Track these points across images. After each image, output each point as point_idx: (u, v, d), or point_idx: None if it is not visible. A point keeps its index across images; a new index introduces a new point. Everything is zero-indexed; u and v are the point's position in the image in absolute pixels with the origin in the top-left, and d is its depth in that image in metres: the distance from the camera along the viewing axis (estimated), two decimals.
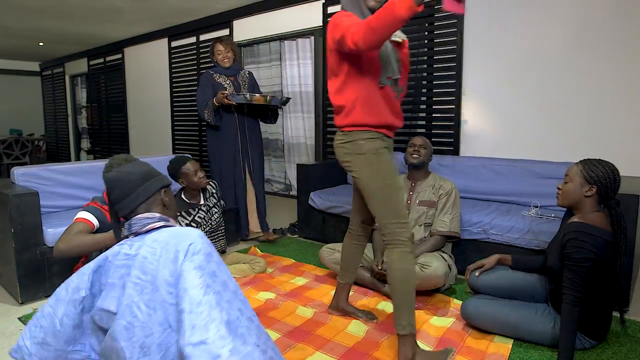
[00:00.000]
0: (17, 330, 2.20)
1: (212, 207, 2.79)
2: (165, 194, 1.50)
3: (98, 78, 8.28)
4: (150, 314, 1.23)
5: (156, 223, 1.39)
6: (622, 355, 1.90)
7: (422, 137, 2.63)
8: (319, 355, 1.90)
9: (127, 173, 1.46)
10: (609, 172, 1.78)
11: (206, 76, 3.58)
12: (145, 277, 1.26)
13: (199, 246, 1.25)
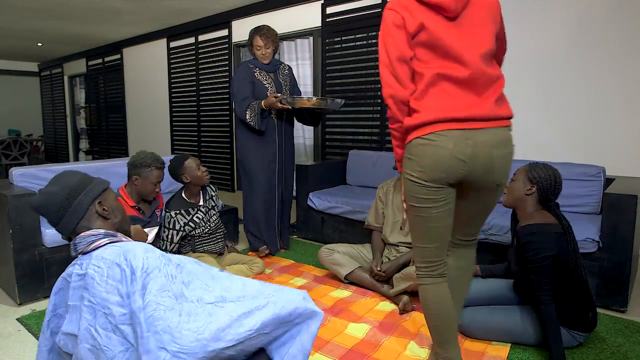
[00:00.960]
0: (15, 331, 2.20)
1: (211, 209, 2.78)
2: (101, 203, 1.37)
3: (97, 78, 8.28)
4: (109, 336, 1.19)
5: (101, 240, 1.29)
6: (620, 355, 1.90)
7: None
8: (318, 357, 1.89)
9: (50, 195, 1.32)
10: (550, 175, 1.87)
11: (245, 69, 3.14)
12: (95, 300, 1.21)
13: (143, 262, 1.18)
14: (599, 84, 3.14)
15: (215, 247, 2.82)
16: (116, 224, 1.40)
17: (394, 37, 1.44)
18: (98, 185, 1.39)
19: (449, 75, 1.40)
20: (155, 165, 2.46)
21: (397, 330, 2.12)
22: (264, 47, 3.11)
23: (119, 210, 1.42)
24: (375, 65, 4.26)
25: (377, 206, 2.68)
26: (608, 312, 2.29)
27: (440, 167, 1.39)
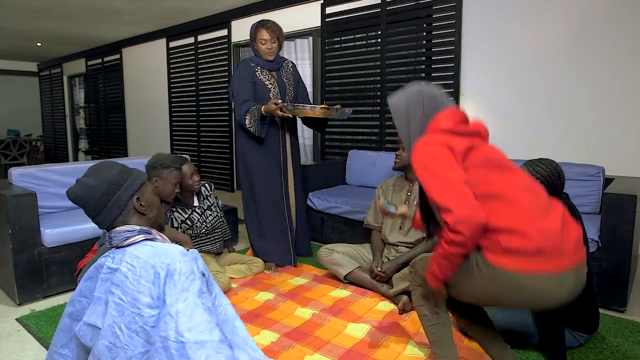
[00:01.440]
0: (14, 331, 2.20)
1: (207, 209, 2.78)
2: (139, 199, 1.38)
3: (96, 78, 8.27)
4: (132, 336, 1.20)
5: (137, 237, 1.31)
6: (620, 355, 1.90)
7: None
8: (317, 357, 1.89)
9: (89, 188, 1.33)
10: (552, 170, 1.84)
11: (246, 68, 2.89)
12: (126, 298, 1.22)
13: (178, 266, 1.20)
14: (599, 84, 3.14)
15: (213, 247, 2.81)
16: (152, 219, 1.41)
17: (447, 163, 1.34)
18: (136, 179, 1.39)
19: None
20: (174, 165, 2.47)
21: (396, 330, 2.12)
22: (269, 41, 2.85)
23: (155, 206, 1.43)
24: (375, 65, 4.26)
25: (377, 205, 2.67)
26: (607, 312, 2.29)
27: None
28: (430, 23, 3.88)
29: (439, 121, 1.46)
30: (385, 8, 4.12)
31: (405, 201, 2.54)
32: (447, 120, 1.44)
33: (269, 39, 2.84)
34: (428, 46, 3.94)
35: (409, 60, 4.07)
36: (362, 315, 2.29)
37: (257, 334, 2.09)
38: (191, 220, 2.68)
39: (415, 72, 4.05)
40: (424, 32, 3.97)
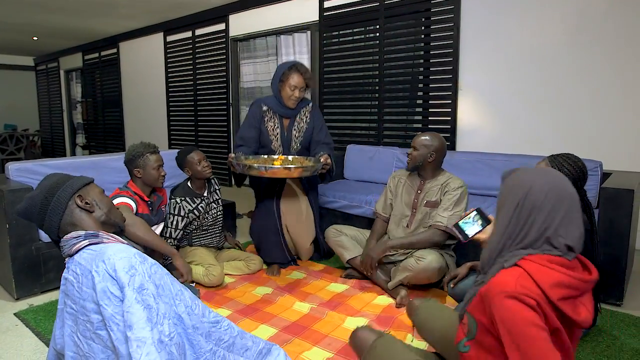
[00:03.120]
0: (12, 326, 2.20)
1: (212, 202, 2.77)
2: (81, 197, 1.34)
3: (93, 73, 8.24)
4: (90, 344, 1.19)
5: (81, 242, 1.26)
6: (616, 348, 1.91)
7: (421, 136, 2.44)
8: (316, 350, 1.90)
9: (31, 199, 1.32)
10: (576, 168, 1.81)
11: (255, 113, 2.71)
12: (75, 307, 1.21)
13: (115, 265, 1.15)
14: (597, 79, 3.14)
15: (212, 241, 2.82)
16: (102, 217, 1.37)
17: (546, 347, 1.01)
18: (77, 180, 1.37)
19: None
20: (149, 150, 2.41)
21: (394, 323, 2.13)
22: (300, 89, 2.58)
23: (104, 203, 1.39)
24: (374, 59, 4.25)
25: (387, 196, 2.64)
26: (604, 306, 2.30)
27: None
28: (429, 17, 3.87)
29: (546, 277, 1.04)
30: (383, 2, 4.11)
31: (415, 199, 2.52)
32: (557, 288, 1.03)
33: (300, 86, 2.58)
34: (427, 40, 3.93)
35: (408, 55, 4.06)
36: (360, 309, 2.30)
37: (255, 329, 2.09)
38: (198, 210, 2.66)
39: (413, 67, 4.04)
40: (423, 27, 3.96)
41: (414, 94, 4.08)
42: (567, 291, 1.04)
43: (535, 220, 1.09)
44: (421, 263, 2.26)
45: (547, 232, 1.08)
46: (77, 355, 1.21)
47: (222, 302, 2.40)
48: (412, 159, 2.44)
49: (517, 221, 1.11)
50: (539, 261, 1.06)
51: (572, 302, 1.06)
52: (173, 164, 4.06)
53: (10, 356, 1.93)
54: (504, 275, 1.07)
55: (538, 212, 1.08)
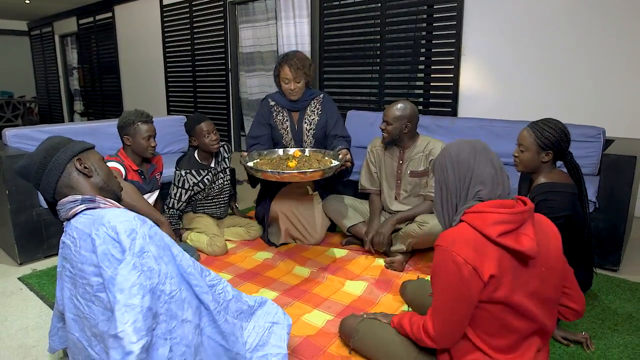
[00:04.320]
0: (17, 290, 2.23)
1: (220, 171, 2.73)
2: (80, 161, 1.32)
3: (89, 38, 8.06)
4: (90, 305, 1.20)
5: (78, 207, 1.26)
6: (610, 312, 1.95)
7: (392, 108, 2.37)
8: (317, 313, 1.93)
9: (30, 158, 1.31)
10: (560, 133, 1.79)
11: (264, 109, 2.66)
12: (73, 271, 1.22)
13: (116, 228, 1.16)
14: (601, 45, 3.07)
15: (217, 210, 2.80)
16: (100, 183, 1.36)
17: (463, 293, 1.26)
18: (78, 144, 1.36)
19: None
20: (140, 119, 2.35)
21: (393, 288, 2.15)
22: (293, 80, 2.49)
23: (102, 169, 1.38)
24: (375, 23, 4.14)
25: (370, 169, 2.61)
26: (601, 271, 2.33)
27: None
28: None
29: (483, 220, 1.19)
30: None
31: (398, 170, 2.49)
32: (494, 226, 1.18)
33: (292, 78, 2.49)
34: (429, 3, 3.82)
35: (410, 19, 3.96)
36: (360, 273, 2.33)
37: (256, 292, 2.12)
38: (203, 182, 2.62)
39: (416, 31, 3.94)
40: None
41: (415, 59, 4.00)
42: (505, 226, 1.18)
43: (453, 186, 1.31)
44: (424, 228, 2.27)
45: (469, 190, 1.29)
46: (77, 317, 1.23)
47: (222, 267, 2.43)
48: (388, 134, 2.40)
49: (445, 189, 1.34)
50: (476, 209, 1.23)
51: (513, 234, 1.20)
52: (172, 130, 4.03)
53: (16, 319, 1.96)
54: (447, 231, 1.27)
55: (450, 178, 1.31)
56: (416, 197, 2.48)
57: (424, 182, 2.43)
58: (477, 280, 1.16)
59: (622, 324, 1.86)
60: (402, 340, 1.46)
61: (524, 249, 1.17)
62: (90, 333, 1.21)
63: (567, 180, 1.82)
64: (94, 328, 1.19)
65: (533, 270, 1.22)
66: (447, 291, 1.22)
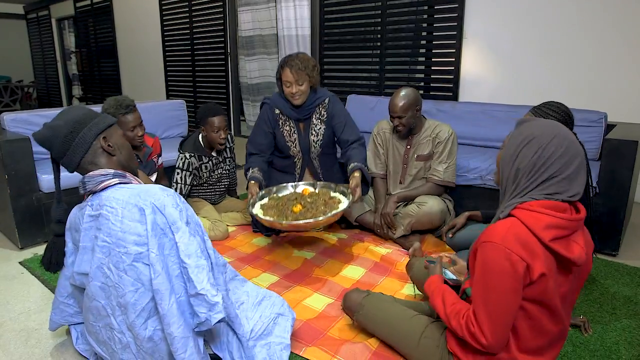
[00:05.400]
0: (18, 274, 2.24)
1: (222, 161, 2.70)
2: (106, 139, 1.35)
3: (86, 21, 7.96)
4: (121, 275, 1.23)
5: (110, 180, 1.30)
6: (609, 295, 1.96)
7: (398, 102, 2.31)
8: (316, 297, 1.95)
9: (54, 129, 1.31)
10: (564, 115, 1.76)
11: (267, 114, 2.50)
12: (110, 240, 1.24)
13: (163, 200, 1.25)
14: (603, 30, 3.03)
15: (212, 197, 2.79)
16: (122, 161, 1.40)
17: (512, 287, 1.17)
18: (103, 120, 1.37)
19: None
20: (121, 112, 2.25)
21: (393, 271, 2.17)
22: (295, 83, 2.33)
23: (124, 148, 1.41)
24: (376, 6, 4.09)
25: (378, 152, 2.59)
26: (600, 256, 2.34)
27: None
28: None
29: (537, 221, 1.11)
30: None
31: (405, 154, 2.48)
32: (548, 230, 1.11)
33: (293, 80, 2.32)
34: None
35: (412, 1, 3.90)
36: (360, 256, 2.33)
37: (256, 276, 2.13)
38: (202, 169, 2.60)
39: (417, 14, 3.89)
40: None
41: (417, 43, 3.96)
42: (558, 232, 1.11)
43: (545, 173, 1.13)
44: (423, 208, 2.28)
45: (541, 184, 1.14)
46: (105, 285, 1.27)
47: (223, 251, 2.44)
48: (404, 126, 2.36)
49: (515, 172, 1.17)
50: (531, 208, 1.13)
51: (565, 241, 1.13)
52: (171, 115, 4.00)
53: (18, 302, 1.98)
54: (497, 225, 1.15)
55: (550, 165, 1.12)
56: (419, 180, 2.49)
57: (428, 165, 2.44)
58: (527, 277, 1.11)
59: (620, 308, 1.87)
60: (409, 318, 1.46)
61: (574, 258, 1.13)
62: (116, 302, 1.26)
63: None
64: (121, 298, 1.24)
65: (569, 275, 1.19)
66: (501, 290, 1.12)
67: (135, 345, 1.28)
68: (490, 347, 1.15)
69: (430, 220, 2.33)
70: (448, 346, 1.32)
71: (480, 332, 1.14)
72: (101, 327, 1.32)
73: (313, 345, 1.60)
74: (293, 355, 1.56)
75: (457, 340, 1.28)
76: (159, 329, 1.26)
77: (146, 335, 1.25)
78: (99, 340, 1.35)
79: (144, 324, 1.25)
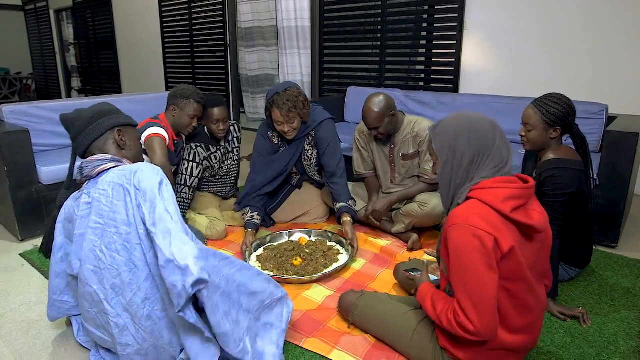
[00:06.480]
0: (19, 266, 2.25)
1: (230, 151, 2.68)
2: (120, 133, 1.47)
3: (84, 13, 7.91)
4: (114, 256, 1.26)
5: (106, 164, 1.37)
6: (608, 287, 1.96)
7: (371, 112, 2.24)
8: (316, 288, 1.95)
9: (79, 113, 1.46)
10: (566, 107, 1.75)
11: (267, 141, 2.49)
12: (102, 221, 1.28)
13: (140, 175, 1.28)
14: (604, 21, 3.01)
15: (222, 190, 2.75)
16: (130, 157, 1.49)
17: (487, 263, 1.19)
18: (124, 117, 1.50)
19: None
20: (194, 98, 2.35)
21: (392, 264, 2.17)
22: (286, 123, 2.28)
23: (135, 147, 1.53)
24: None
25: (362, 154, 2.57)
26: (599, 248, 2.34)
27: None
28: None
29: (494, 196, 1.17)
30: None
31: (390, 154, 2.46)
32: (506, 202, 1.16)
33: (284, 121, 2.27)
34: None
35: None
36: (359, 248, 2.32)
37: None
38: (211, 159, 2.57)
39: (418, 5, 3.86)
40: None
41: (417, 34, 3.93)
42: (515, 202, 1.18)
43: (468, 162, 1.23)
44: (425, 209, 2.27)
45: (482, 166, 1.23)
46: (97, 269, 1.29)
47: (222, 244, 2.44)
48: (382, 135, 2.34)
49: (456, 166, 1.25)
50: (485, 185, 1.20)
51: (523, 210, 1.20)
52: None
53: (19, 294, 1.98)
54: (457, 209, 1.21)
55: (466, 155, 1.23)
56: (410, 179, 2.47)
57: (416, 164, 2.41)
58: (498, 252, 1.14)
59: (619, 299, 1.87)
60: (402, 314, 1.48)
61: (535, 224, 1.17)
62: (110, 285, 1.27)
63: (575, 157, 1.80)
64: (115, 279, 1.26)
65: (533, 245, 1.23)
66: (476, 269, 1.13)
67: (133, 326, 1.29)
68: (480, 334, 1.14)
69: (431, 220, 2.32)
70: (440, 343, 1.33)
71: (467, 319, 1.15)
72: (97, 313, 1.34)
73: (313, 337, 1.60)
74: (293, 346, 1.57)
75: (447, 336, 1.30)
76: (157, 309, 1.28)
77: (144, 313, 1.27)
78: (98, 325, 1.37)
79: (142, 302, 1.27)
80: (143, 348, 1.31)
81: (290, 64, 5.07)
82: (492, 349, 1.24)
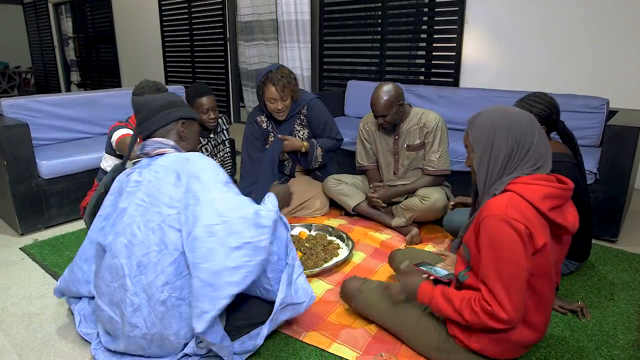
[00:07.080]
0: (19, 260, 2.25)
1: (220, 143, 2.69)
2: (184, 125, 1.55)
3: (83, 6, 7.87)
4: (149, 234, 1.33)
5: (167, 149, 1.46)
6: (607, 282, 1.97)
7: (380, 99, 2.26)
8: (316, 282, 1.96)
9: (152, 99, 1.55)
10: (549, 106, 1.78)
11: (255, 128, 2.56)
12: (147, 200, 1.36)
13: (199, 165, 1.37)
14: (605, 15, 2.99)
15: None
16: (187, 147, 1.58)
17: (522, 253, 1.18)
18: (190, 111, 1.59)
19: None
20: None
21: None
22: (280, 100, 2.38)
23: (194, 141, 1.62)
24: None
25: (365, 146, 2.58)
26: (599, 242, 2.34)
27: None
28: None
29: (534, 193, 1.17)
30: None
31: (394, 145, 2.45)
32: (545, 200, 1.17)
33: (279, 97, 2.37)
34: None
35: None
36: (360, 242, 2.34)
37: None
38: (201, 151, 2.58)
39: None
40: None
41: (417, 28, 3.91)
42: (554, 201, 1.19)
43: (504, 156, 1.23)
44: (426, 203, 2.27)
45: (522, 162, 1.23)
46: (130, 243, 1.35)
47: None
48: (388, 124, 2.34)
49: (493, 160, 1.25)
50: (525, 181, 1.20)
51: (560, 210, 1.21)
52: None
53: (19, 288, 1.99)
54: (495, 200, 1.20)
55: (502, 149, 1.23)
56: (414, 171, 2.47)
57: (420, 155, 2.41)
58: (531, 246, 1.15)
59: (618, 293, 1.88)
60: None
61: (569, 226, 1.19)
62: (136, 262, 1.33)
63: (565, 150, 1.82)
64: (143, 257, 1.32)
65: (559, 245, 1.25)
66: (513, 261, 1.14)
67: (147, 307, 1.33)
68: (511, 321, 1.16)
69: (433, 215, 2.32)
70: (449, 331, 1.33)
71: (500, 307, 1.15)
72: (116, 287, 1.37)
73: (313, 330, 1.61)
74: (293, 340, 1.57)
75: (458, 324, 1.29)
76: (174, 296, 1.33)
77: (161, 298, 1.32)
78: (112, 302, 1.39)
79: (161, 286, 1.31)
80: (150, 333, 1.34)
81: (290, 58, 5.04)
82: (508, 341, 1.25)
